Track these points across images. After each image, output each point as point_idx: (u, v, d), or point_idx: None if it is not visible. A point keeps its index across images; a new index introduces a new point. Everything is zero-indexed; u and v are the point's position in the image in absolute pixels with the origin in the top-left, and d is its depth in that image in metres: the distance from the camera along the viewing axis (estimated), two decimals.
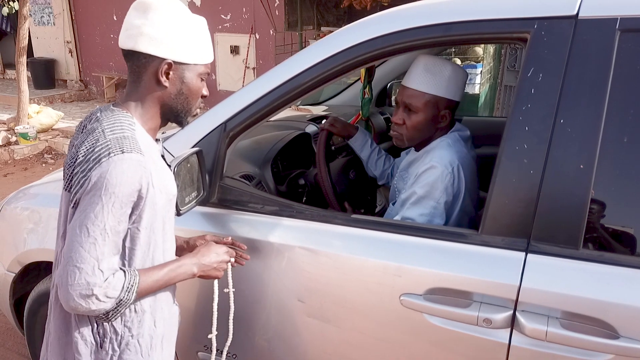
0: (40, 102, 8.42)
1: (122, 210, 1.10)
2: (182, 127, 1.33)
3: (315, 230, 1.47)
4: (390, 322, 1.37)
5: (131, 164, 1.09)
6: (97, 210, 1.08)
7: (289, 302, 1.52)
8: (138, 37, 1.16)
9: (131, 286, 1.14)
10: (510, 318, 1.19)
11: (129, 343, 1.23)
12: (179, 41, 1.18)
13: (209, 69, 1.28)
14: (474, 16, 1.29)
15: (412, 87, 1.67)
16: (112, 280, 1.11)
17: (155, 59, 1.17)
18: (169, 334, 1.35)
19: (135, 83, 1.22)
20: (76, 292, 1.08)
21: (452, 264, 1.28)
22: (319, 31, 6.69)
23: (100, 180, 1.08)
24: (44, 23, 9.90)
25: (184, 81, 1.22)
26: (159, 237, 1.23)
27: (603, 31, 1.15)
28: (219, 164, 1.56)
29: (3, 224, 2.13)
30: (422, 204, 1.57)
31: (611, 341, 1.10)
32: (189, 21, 1.21)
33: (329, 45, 1.46)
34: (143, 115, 1.23)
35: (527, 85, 1.21)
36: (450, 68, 1.66)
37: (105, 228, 1.09)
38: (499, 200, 1.24)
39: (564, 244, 1.17)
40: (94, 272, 1.08)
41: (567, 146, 1.16)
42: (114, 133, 1.13)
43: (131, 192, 1.10)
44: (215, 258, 1.36)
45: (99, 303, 1.10)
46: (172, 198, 1.26)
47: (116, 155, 1.08)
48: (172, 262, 1.27)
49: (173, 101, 1.24)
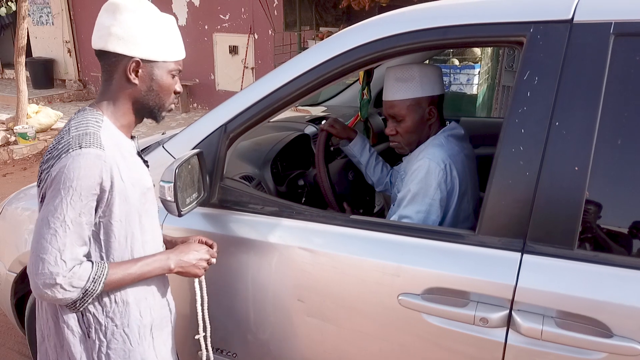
0: (39, 102, 8.43)
1: (82, 203, 1.14)
2: (157, 122, 1.35)
3: (315, 231, 1.49)
4: (388, 321, 1.38)
5: (89, 158, 1.14)
6: (57, 203, 1.13)
7: (289, 302, 1.54)
8: (107, 37, 1.20)
9: (98, 277, 1.18)
10: (507, 317, 1.21)
11: (115, 333, 1.28)
12: (146, 39, 1.21)
13: (180, 66, 1.31)
14: (471, 20, 1.31)
15: (391, 99, 1.77)
16: (77, 270, 1.16)
17: (124, 57, 1.21)
18: (159, 323, 1.38)
19: (108, 82, 1.26)
20: (41, 281, 1.13)
21: (449, 264, 1.30)
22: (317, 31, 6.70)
23: (59, 175, 1.13)
24: (43, 23, 9.90)
25: (154, 78, 1.26)
26: (136, 229, 1.27)
27: (598, 35, 1.17)
28: (220, 165, 1.57)
29: (4, 225, 2.14)
30: (417, 201, 1.60)
31: (605, 340, 1.12)
32: (157, 20, 1.24)
33: (328, 47, 1.47)
34: (115, 112, 1.27)
35: (523, 88, 1.23)
36: (418, 69, 1.74)
37: (65, 220, 1.13)
38: (495, 201, 1.25)
39: (560, 245, 1.19)
40: (56, 262, 1.13)
41: (563, 148, 1.18)
42: (78, 130, 1.18)
43: (90, 185, 1.14)
44: (195, 255, 1.38)
45: (64, 292, 1.15)
46: (146, 191, 1.30)
47: (74, 151, 1.14)
48: (147, 257, 1.30)
49: (144, 98, 1.27)
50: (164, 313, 1.40)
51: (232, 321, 1.65)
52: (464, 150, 1.72)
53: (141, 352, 1.32)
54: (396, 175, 2.08)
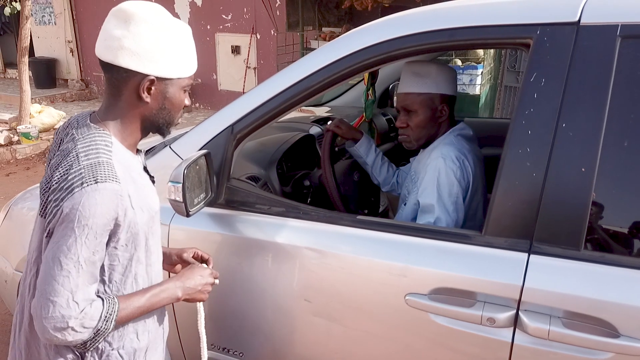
0: (41, 101, 8.44)
1: (96, 241, 1.07)
2: (164, 137, 1.28)
3: (322, 231, 1.50)
4: (395, 321, 1.39)
5: (105, 195, 1.05)
6: (70, 242, 1.04)
7: (296, 302, 1.54)
8: (118, 50, 1.09)
9: (109, 315, 1.11)
10: (513, 317, 1.22)
11: (110, 355, 1.20)
12: (162, 56, 1.11)
13: (192, 80, 1.22)
14: (479, 22, 1.32)
15: (406, 91, 1.81)
16: (89, 311, 1.08)
17: (137, 74, 1.11)
18: (154, 345, 1.32)
19: (114, 97, 1.15)
20: (51, 324, 1.05)
21: (456, 264, 1.31)
22: (320, 32, 6.71)
23: (73, 212, 1.03)
24: (45, 22, 9.92)
25: (167, 96, 1.17)
26: (141, 253, 1.20)
27: (604, 37, 1.18)
28: (227, 165, 1.58)
29: (11, 224, 2.15)
30: (445, 202, 1.63)
31: (612, 340, 1.13)
32: (174, 33, 1.14)
33: (335, 49, 1.48)
34: (122, 131, 1.17)
35: (530, 90, 1.24)
36: (436, 67, 1.81)
37: (79, 260, 1.05)
38: (502, 202, 1.26)
39: (566, 245, 1.20)
40: (68, 304, 1.05)
41: (569, 149, 1.19)
42: (89, 158, 1.08)
43: (106, 223, 1.07)
44: (200, 280, 1.32)
45: (75, 334, 1.07)
46: (154, 214, 1.22)
47: (89, 186, 1.04)
48: (154, 287, 1.23)
49: (155, 116, 1.19)
50: (158, 335, 1.35)
51: (239, 321, 1.66)
52: (474, 150, 1.74)
53: None
54: (404, 175, 2.09)
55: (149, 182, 1.26)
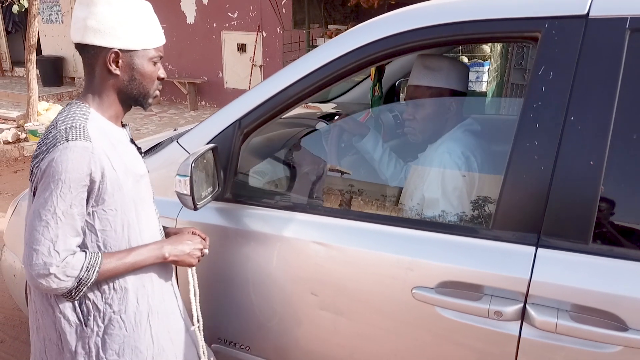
0: (48, 99, 8.48)
1: (72, 195, 1.17)
2: (145, 109, 1.37)
3: (328, 225, 1.50)
4: (402, 314, 1.39)
5: (76, 151, 1.16)
6: (47, 195, 1.16)
7: (303, 296, 1.55)
8: (84, 30, 1.21)
9: (91, 266, 1.21)
10: (521, 311, 1.22)
11: (112, 319, 1.30)
12: (122, 29, 1.22)
13: (160, 52, 1.32)
14: (486, 15, 1.31)
15: (416, 83, 1.81)
16: (70, 260, 1.18)
17: (103, 49, 1.23)
18: (157, 311, 1.39)
19: (90, 74, 1.28)
20: (35, 271, 1.16)
21: (463, 257, 1.30)
22: (326, 29, 6.70)
23: (48, 168, 1.16)
24: (52, 21, 9.96)
25: (135, 67, 1.27)
26: (132, 217, 1.30)
27: (613, 30, 1.17)
28: (234, 160, 1.59)
29: (19, 220, 2.17)
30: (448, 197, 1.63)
31: (620, 333, 1.13)
32: (132, 8, 1.24)
33: (341, 44, 1.48)
34: (101, 104, 1.29)
35: (538, 83, 1.23)
36: (448, 62, 1.80)
37: (56, 212, 1.16)
38: (510, 195, 1.26)
39: (574, 239, 1.19)
40: (49, 253, 1.16)
41: (577, 143, 1.19)
42: (65, 124, 1.20)
43: (79, 177, 1.17)
44: (189, 245, 1.41)
45: (59, 282, 1.18)
46: (139, 178, 1.32)
47: (62, 144, 1.16)
48: (141, 246, 1.32)
49: (127, 87, 1.29)
50: (164, 299, 1.41)
51: (246, 314, 1.67)
52: (481, 146, 1.74)
53: (135, 339, 1.34)
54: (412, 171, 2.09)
55: (135, 151, 1.36)
